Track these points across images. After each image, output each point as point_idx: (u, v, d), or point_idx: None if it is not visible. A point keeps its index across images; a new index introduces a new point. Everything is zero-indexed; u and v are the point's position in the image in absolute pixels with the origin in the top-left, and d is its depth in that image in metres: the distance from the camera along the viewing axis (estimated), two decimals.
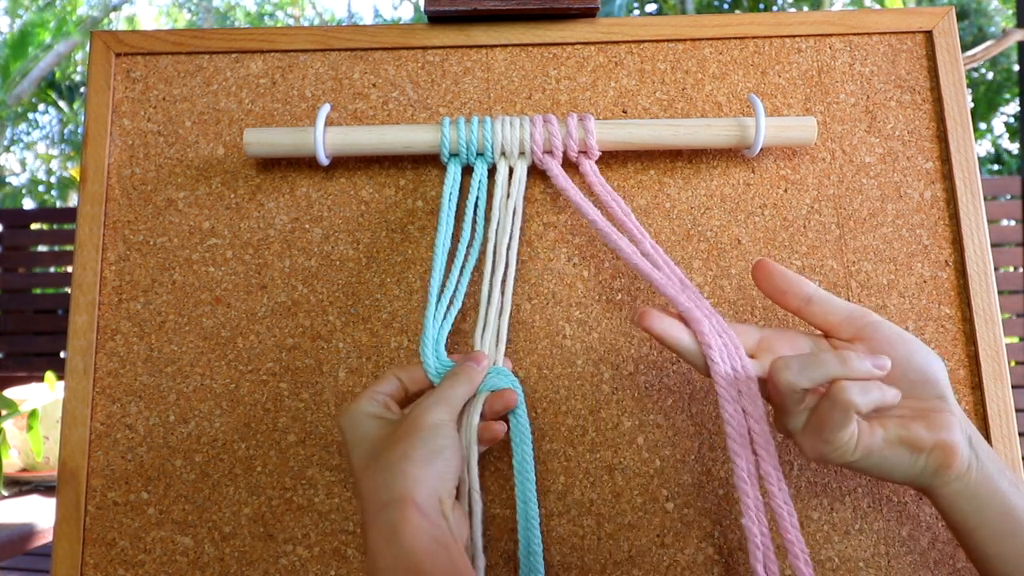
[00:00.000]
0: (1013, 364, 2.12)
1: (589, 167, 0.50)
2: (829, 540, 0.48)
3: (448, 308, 0.48)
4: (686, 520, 0.48)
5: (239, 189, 0.52)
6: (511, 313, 0.49)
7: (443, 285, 0.48)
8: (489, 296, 0.48)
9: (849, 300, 0.50)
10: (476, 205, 0.50)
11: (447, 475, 0.40)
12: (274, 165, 0.53)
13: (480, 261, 0.50)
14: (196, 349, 0.50)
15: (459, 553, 0.38)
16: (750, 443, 0.42)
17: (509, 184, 0.50)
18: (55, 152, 7.10)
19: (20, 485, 1.10)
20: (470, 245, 0.49)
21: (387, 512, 0.38)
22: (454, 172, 0.50)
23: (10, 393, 1.09)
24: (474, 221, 0.50)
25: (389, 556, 0.37)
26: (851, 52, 0.54)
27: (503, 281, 0.49)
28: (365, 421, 0.43)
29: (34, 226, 2.39)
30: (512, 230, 0.49)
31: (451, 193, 0.50)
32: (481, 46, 0.54)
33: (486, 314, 0.48)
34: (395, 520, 0.37)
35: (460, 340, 0.50)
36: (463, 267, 0.49)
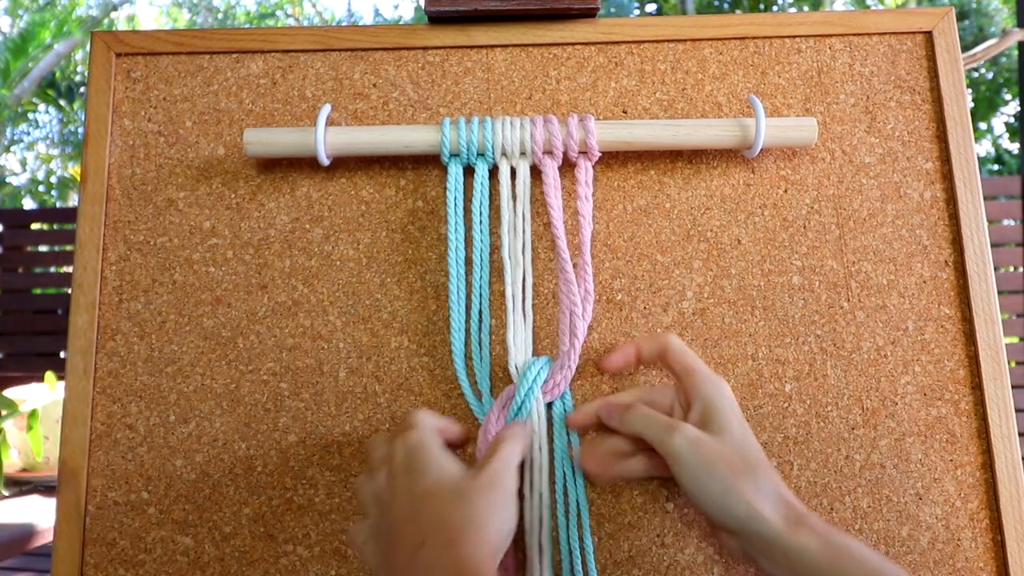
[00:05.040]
0: (1013, 364, 2.12)
1: (583, 174, 0.50)
2: None
3: (480, 325, 0.50)
4: (686, 520, 0.48)
5: (240, 189, 0.52)
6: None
7: (467, 301, 0.50)
8: (512, 303, 0.49)
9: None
10: (481, 210, 0.50)
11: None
12: (275, 165, 0.53)
13: (494, 266, 0.51)
14: (196, 349, 0.50)
15: None
16: None
17: (513, 186, 0.50)
18: (55, 152, 7.10)
19: (20, 485, 1.10)
20: (482, 252, 0.50)
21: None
22: (456, 173, 0.50)
23: (10, 393, 1.09)
24: (480, 224, 0.50)
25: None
26: (851, 52, 0.54)
27: (523, 287, 0.49)
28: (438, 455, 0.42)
29: (34, 226, 2.39)
30: (524, 236, 0.49)
31: (456, 197, 0.50)
32: (481, 46, 0.54)
33: (513, 321, 0.49)
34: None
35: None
36: (480, 283, 0.50)
